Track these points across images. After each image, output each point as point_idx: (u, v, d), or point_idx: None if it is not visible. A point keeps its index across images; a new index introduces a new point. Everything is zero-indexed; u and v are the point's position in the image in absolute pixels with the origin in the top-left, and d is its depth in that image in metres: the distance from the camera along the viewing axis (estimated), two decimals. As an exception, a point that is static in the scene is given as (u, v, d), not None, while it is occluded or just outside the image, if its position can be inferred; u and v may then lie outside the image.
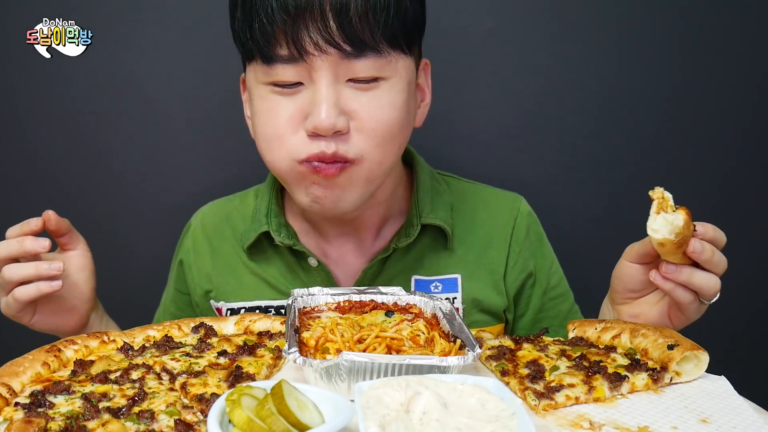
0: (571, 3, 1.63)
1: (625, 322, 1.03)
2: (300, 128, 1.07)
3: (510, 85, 1.67)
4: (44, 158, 1.69)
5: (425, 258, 1.27)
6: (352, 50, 1.03)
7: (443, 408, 0.71)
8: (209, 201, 1.45)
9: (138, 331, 1.07)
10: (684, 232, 0.94)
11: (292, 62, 1.04)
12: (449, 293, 1.27)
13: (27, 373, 0.90)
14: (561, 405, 0.84)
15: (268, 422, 0.67)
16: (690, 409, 0.83)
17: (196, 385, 0.88)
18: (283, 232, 1.25)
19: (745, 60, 1.66)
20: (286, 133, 1.08)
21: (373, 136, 1.08)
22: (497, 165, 1.69)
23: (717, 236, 0.99)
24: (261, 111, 1.10)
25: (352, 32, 1.01)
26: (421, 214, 1.24)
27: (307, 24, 1.01)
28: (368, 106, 1.07)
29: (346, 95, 1.06)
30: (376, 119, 1.07)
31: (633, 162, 1.70)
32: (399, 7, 1.05)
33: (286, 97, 1.08)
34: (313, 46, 1.02)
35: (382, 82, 1.07)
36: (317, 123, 1.04)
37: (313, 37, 1.01)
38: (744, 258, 1.76)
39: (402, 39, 1.08)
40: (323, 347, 0.91)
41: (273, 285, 1.29)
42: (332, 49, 1.02)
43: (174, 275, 1.40)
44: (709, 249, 0.97)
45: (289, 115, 1.07)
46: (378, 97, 1.07)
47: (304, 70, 1.04)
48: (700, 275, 0.99)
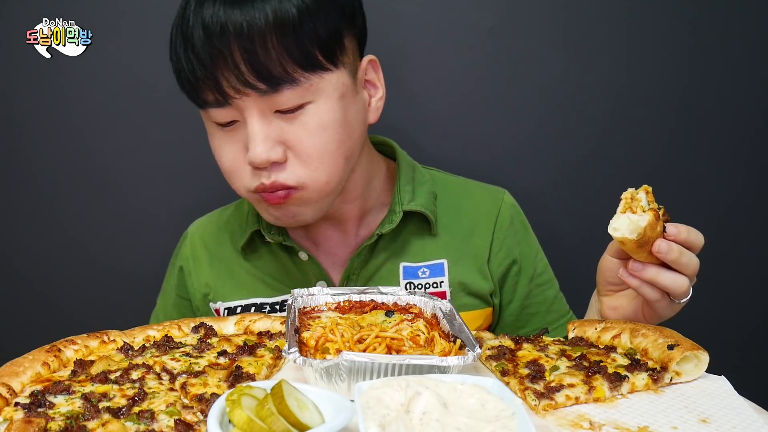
0: (571, 3, 1.63)
1: (624, 322, 1.03)
2: (245, 161, 1.13)
3: (510, 84, 1.67)
4: (44, 158, 1.69)
5: (411, 245, 1.32)
6: (267, 87, 1.07)
7: (443, 408, 0.71)
8: (211, 199, 1.46)
9: (138, 331, 1.07)
10: (647, 233, 0.95)
11: (221, 105, 1.11)
12: (436, 277, 1.30)
13: (27, 373, 0.90)
14: (561, 405, 0.84)
15: (268, 422, 0.67)
16: (690, 409, 0.83)
17: (196, 385, 0.88)
18: (273, 229, 1.30)
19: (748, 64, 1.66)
20: (236, 168, 1.16)
21: (310, 161, 1.13)
22: (497, 164, 1.69)
23: (691, 238, 0.99)
24: (213, 147, 1.19)
25: (263, 71, 1.06)
26: (402, 202, 1.29)
27: (222, 71, 1.07)
28: (298, 133, 1.12)
29: (277, 126, 1.11)
30: (308, 145, 1.12)
31: (631, 162, 1.70)
32: (301, 32, 1.06)
33: (229, 135, 1.15)
34: (233, 90, 1.08)
35: (309, 105, 1.11)
36: (251, 159, 1.10)
37: (231, 81, 1.07)
38: (744, 258, 1.77)
39: (319, 59, 1.10)
40: (323, 347, 0.91)
41: (267, 282, 1.33)
42: (249, 89, 1.07)
43: (174, 282, 1.43)
44: (676, 250, 0.97)
45: (233, 152, 1.15)
46: (305, 123, 1.12)
47: (235, 109, 1.11)
48: (666, 275, 1.00)
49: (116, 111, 1.67)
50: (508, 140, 1.70)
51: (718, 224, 1.72)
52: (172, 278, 1.44)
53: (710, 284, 1.75)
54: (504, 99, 1.68)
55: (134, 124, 1.68)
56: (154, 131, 1.69)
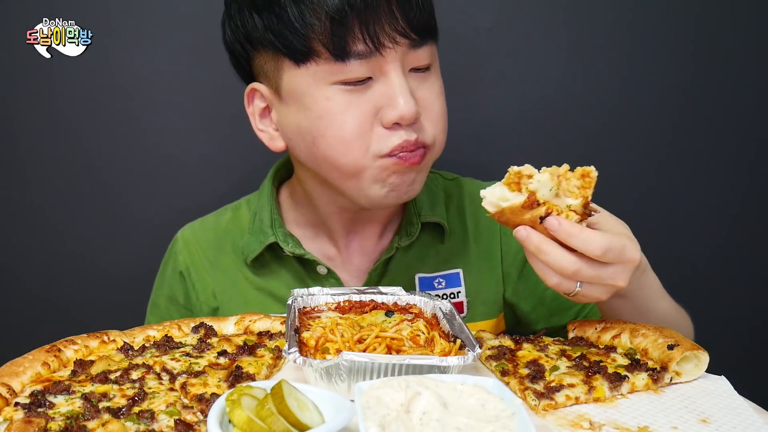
0: (571, 3, 1.63)
1: (625, 323, 1.03)
2: (375, 124, 1.08)
3: (509, 84, 1.67)
4: (44, 158, 1.69)
5: (426, 255, 1.29)
6: (418, 39, 1.08)
7: (443, 408, 0.71)
8: (209, 200, 1.44)
9: (138, 331, 1.07)
10: (507, 215, 0.90)
11: (365, 57, 1.05)
12: (453, 288, 1.28)
13: (27, 373, 0.90)
14: (561, 405, 0.84)
15: (268, 422, 0.68)
16: (690, 409, 0.83)
17: (196, 385, 0.88)
18: (290, 242, 1.24)
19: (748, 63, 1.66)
20: (362, 133, 1.08)
21: (438, 120, 1.14)
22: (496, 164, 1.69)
23: (572, 242, 0.88)
24: (329, 113, 1.08)
25: (416, 22, 1.06)
26: (420, 212, 1.26)
27: (380, 16, 1.03)
28: (429, 93, 1.12)
29: (412, 84, 1.09)
30: (438, 105, 1.14)
31: (633, 161, 1.70)
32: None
33: (357, 95, 1.08)
34: (388, 39, 1.04)
35: (432, 68, 1.14)
36: (403, 113, 1.06)
37: (387, 29, 1.04)
38: (744, 258, 1.77)
39: (435, 27, 1.14)
40: (323, 347, 0.91)
41: (279, 297, 1.27)
42: (404, 39, 1.06)
43: (172, 291, 1.34)
44: (534, 244, 0.89)
45: (363, 112, 1.08)
46: (432, 84, 1.14)
47: (376, 63, 1.06)
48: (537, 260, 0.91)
49: (116, 111, 1.67)
50: (508, 140, 1.70)
51: (717, 224, 1.72)
52: (167, 288, 1.35)
53: (710, 284, 1.76)
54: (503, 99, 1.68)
55: (134, 124, 1.68)
56: (154, 131, 1.69)
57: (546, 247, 0.88)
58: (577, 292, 0.92)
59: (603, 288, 0.93)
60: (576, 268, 0.88)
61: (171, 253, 1.37)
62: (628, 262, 0.91)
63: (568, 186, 0.89)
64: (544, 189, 0.88)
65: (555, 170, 0.88)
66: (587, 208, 0.90)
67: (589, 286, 0.92)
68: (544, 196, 0.88)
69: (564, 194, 0.89)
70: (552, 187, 0.88)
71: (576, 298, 0.94)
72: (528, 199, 0.88)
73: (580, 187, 0.89)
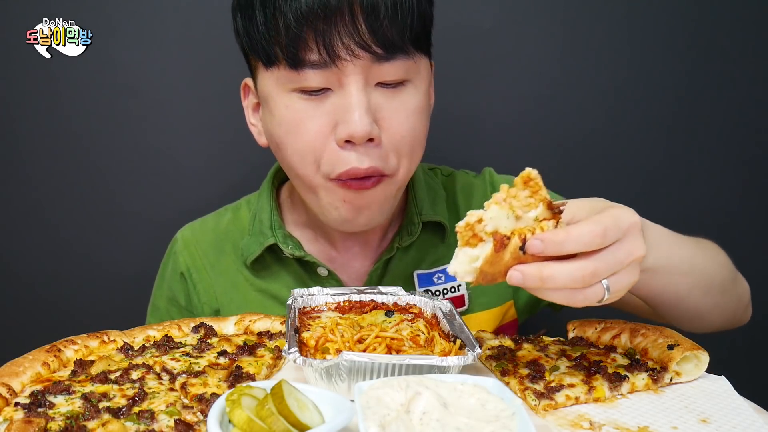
0: (571, 3, 1.63)
1: (624, 323, 1.02)
2: (330, 138, 1.04)
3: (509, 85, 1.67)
4: (44, 158, 1.69)
5: (426, 253, 1.27)
6: (384, 53, 1.00)
7: (443, 408, 0.71)
8: (209, 200, 1.44)
9: (138, 331, 1.07)
10: (489, 271, 0.77)
11: (322, 67, 1.00)
12: (453, 282, 1.25)
13: (27, 373, 0.90)
14: (561, 405, 0.84)
15: (268, 422, 0.68)
16: (690, 409, 0.83)
17: (196, 385, 0.88)
18: (290, 244, 1.22)
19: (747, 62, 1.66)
20: (317, 146, 1.04)
21: (403, 144, 1.06)
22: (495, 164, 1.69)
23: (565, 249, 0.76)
24: (287, 121, 1.06)
25: (382, 35, 0.99)
26: (420, 212, 1.24)
27: (338, 27, 0.97)
28: (397, 112, 1.05)
29: (376, 100, 1.04)
30: (407, 125, 1.06)
31: (630, 161, 1.70)
32: (421, 7, 1.04)
33: (314, 105, 1.04)
34: (345, 51, 0.98)
35: (409, 84, 1.06)
36: (351, 130, 1.00)
37: (345, 40, 0.98)
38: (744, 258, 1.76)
39: (424, 40, 1.07)
40: (323, 347, 0.91)
41: (280, 299, 1.26)
42: (364, 52, 0.99)
43: (172, 293, 1.33)
44: (534, 277, 0.76)
45: (318, 125, 1.04)
46: (405, 102, 1.06)
47: (334, 75, 1.01)
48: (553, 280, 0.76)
49: (116, 111, 1.67)
50: (508, 140, 1.70)
51: (717, 224, 1.72)
52: (167, 289, 1.34)
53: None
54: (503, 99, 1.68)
55: (134, 124, 1.68)
56: (155, 131, 1.69)
57: (547, 272, 0.76)
58: (610, 294, 0.78)
59: (628, 270, 0.79)
60: (590, 269, 0.76)
61: (171, 253, 1.36)
62: (631, 228, 0.79)
63: (520, 201, 0.78)
64: (501, 221, 0.77)
65: (498, 196, 0.78)
66: (553, 208, 0.80)
67: (614, 278, 0.78)
68: (507, 227, 0.77)
69: (523, 211, 0.78)
70: (508, 214, 0.77)
71: (614, 301, 0.81)
72: (495, 241, 0.76)
73: (531, 195, 0.79)
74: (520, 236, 0.76)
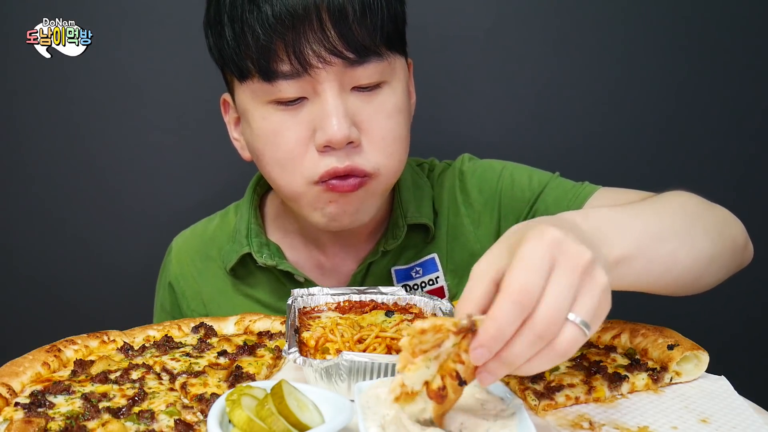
0: (570, 3, 1.63)
1: (624, 323, 1.02)
2: (309, 146, 1.04)
3: (508, 84, 1.67)
4: (44, 158, 1.69)
5: (407, 252, 1.26)
6: (356, 57, 1.00)
7: (443, 408, 0.71)
8: (209, 200, 1.44)
9: (138, 331, 1.07)
10: (447, 406, 0.68)
11: (295, 77, 1.00)
12: (431, 274, 1.24)
13: (27, 373, 0.90)
14: (561, 405, 0.84)
15: (268, 422, 0.68)
16: (690, 409, 0.83)
17: (196, 385, 0.88)
18: (265, 252, 1.22)
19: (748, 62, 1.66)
20: (297, 154, 1.04)
21: (385, 145, 1.06)
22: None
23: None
24: (266, 133, 1.06)
25: (353, 39, 0.99)
26: (406, 214, 1.22)
27: (307, 35, 0.97)
28: (376, 114, 1.05)
29: (353, 104, 1.04)
30: (384, 127, 1.06)
31: (630, 161, 1.70)
32: (391, 7, 1.03)
33: (291, 115, 1.04)
34: (316, 58, 0.98)
35: (385, 86, 1.06)
36: (330, 136, 1.00)
37: (315, 48, 0.98)
38: (744, 258, 1.77)
39: (397, 40, 1.06)
40: (323, 347, 0.91)
41: (265, 304, 1.26)
42: (336, 58, 0.99)
43: (165, 302, 1.35)
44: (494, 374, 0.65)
45: (297, 134, 1.04)
46: (383, 103, 1.06)
47: (308, 83, 1.01)
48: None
49: (116, 111, 1.67)
50: (507, 140, 1.70)
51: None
52: (160, 297, 1.35)
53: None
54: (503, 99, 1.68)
55: (134, 124, 1.68)
56: (155, 131, 1.69)
57: (506, 354, 0.63)
58: (587, 319, 0.64)
59: (594, 285, 0.65)
60: (550, 316, 0.62)
61: (165, 263, 1.37)
62: (552, 246, 0.64)
63: (429, 343, 0.63)
64: (424, 374, 0.65)
65: (405, 348, 0.63)
66: (463, 330, 0.63)
67: (583, 303, 0.64)
68: (433, 372, 0.65)
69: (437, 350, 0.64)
70: (427, 365, 0.64)
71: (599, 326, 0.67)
72: (433, 397, 0.65)
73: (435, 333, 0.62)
74: (450, 375, 0.65)
